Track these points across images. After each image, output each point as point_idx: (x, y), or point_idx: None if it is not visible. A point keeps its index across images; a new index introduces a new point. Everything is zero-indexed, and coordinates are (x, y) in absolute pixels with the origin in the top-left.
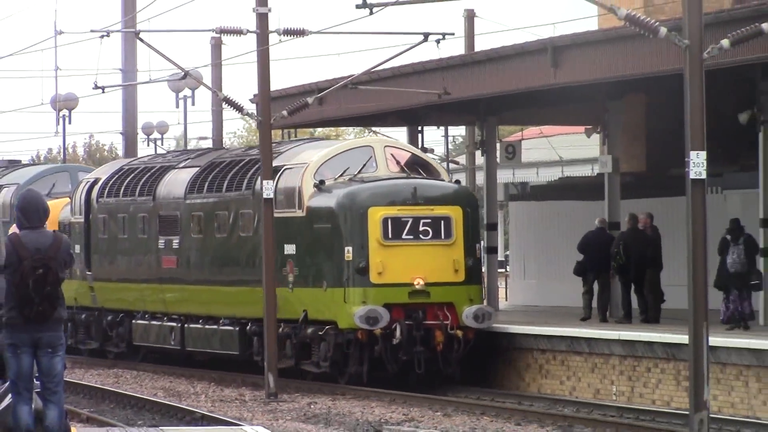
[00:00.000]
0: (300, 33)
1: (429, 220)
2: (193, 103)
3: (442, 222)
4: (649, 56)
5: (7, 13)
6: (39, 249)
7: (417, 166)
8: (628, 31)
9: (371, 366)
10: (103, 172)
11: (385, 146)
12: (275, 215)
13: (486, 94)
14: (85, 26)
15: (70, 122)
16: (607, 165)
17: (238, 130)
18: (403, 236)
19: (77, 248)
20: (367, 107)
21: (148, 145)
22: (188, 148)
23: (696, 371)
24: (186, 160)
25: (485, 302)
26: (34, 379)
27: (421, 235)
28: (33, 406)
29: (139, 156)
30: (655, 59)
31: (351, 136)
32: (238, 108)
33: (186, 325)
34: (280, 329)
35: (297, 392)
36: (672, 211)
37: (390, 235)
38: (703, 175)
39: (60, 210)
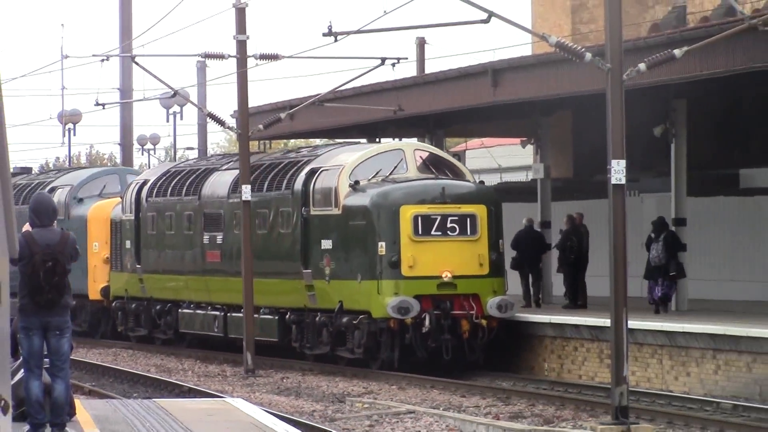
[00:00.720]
0: (274, 57)
1: (456, 218)
2: (181, 118)
3: (468, 219)
4: (575, 78)
5: (17, 39)
6: (48, 244)
7: (444, 167)
8: (558, 56)
9: (402, 353)
10: (151, 174)
11: (415, 149)
12: (313, 213)
13: (435, 111)
14: (88, 50)
15: (74, 134)
16: (540, 172)
17: (221, 141)
18: (432, 232)
19: (128, 243)
20: (332, 122)
21: (142, 154)
22: (177, 157)
23: (617, 350)
24: (228, 162)
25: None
26: (44, 358)
27: (448, 232)
28: (42, 380)
29: (184, 159)
30: (581, 81)
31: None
32: (221, 122)
33: (228, 314)
34: (317, 318)
35: (271, 368)
36: (596, 212)
37: (420, 232)
38: (623, 181)
39: (111, 209)
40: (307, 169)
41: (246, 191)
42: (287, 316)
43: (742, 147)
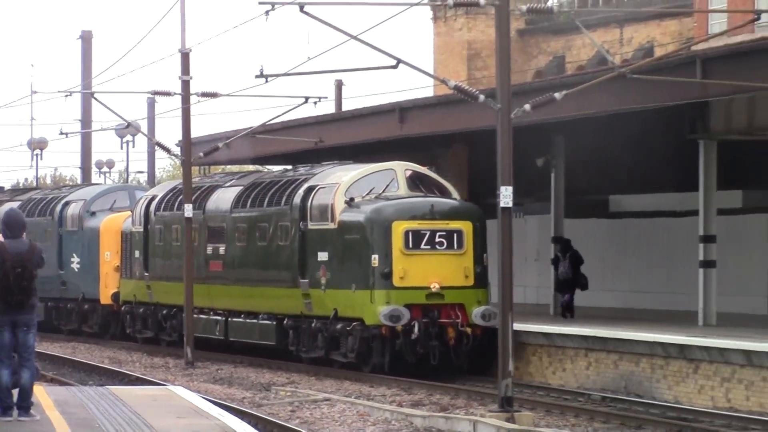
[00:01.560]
0: (213, 95)
1: (444, 233)
2: (133, 146)
3: (455, 234)
4: (470, 116)
5: None
6: (18, 253)
7: (432, 186)
8: (456, 97)
9: (392, 358)
10: (159, 190)
11: (405, 169)
12: (310, 227)
13: (350, 143)
14: (54, 86)
15: (41, 159)
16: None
17: (167, 167)
18: (422, 246)
19: (137, 253)
20: (262, 151)
21: (100, 176)
22: (129, 179)
23: (503, 348)
24: (231, 180)
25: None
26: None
27: (437, 246)
28: (11, 370)
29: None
30: (475, 118)
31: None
32: (167, 150)
33: (229, 319)
34: (313, 324)
35: (207, 361)
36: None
37: (410, 245)
38: (510, 204)
39: (122, 221)
40: (305, 186)
41: (188, 209)
42: (285, 322)
43: (612, 176)
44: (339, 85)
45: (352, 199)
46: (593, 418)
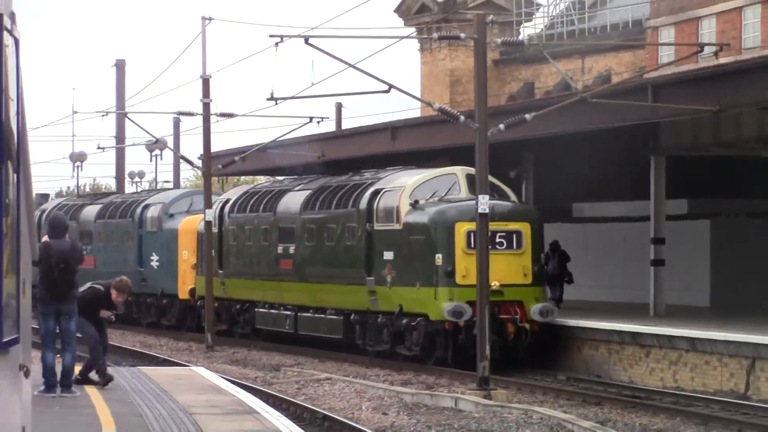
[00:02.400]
0: (230, 115)
1: (504, 233)
2: (161, 159)
3: (515, 235)
4: (452, 134)
5: (41, 98)
6: (62, 251)
7: (492, 189)
8: (440, 117)
9: (454, 351)
10: (233, 194)
11: (467, 173)
12: (376, 228)
13: (349, 157)
14: (93, 107)
15: (81, 170)
16: None
17: (190, 177)
18: None
19: (212, 252)
20: (273, 163)
21: (132, 185)
22: (159, 188)
23: (481, 335)
24: (299, 184)
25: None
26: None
27: (497, 246)
28: (54, 353)
29: (260, 182)
30: (457, 136)
31: (263, 181)
32: (190, 162)
33: (298, 314)
34: (379, 319)
35: (225, 345)
36: None
37: (472, 245)
38: (486, 210)
39: (198, 223)
40: (371, 189)
41: (209, 214)
42: (351, 317)
43: (575, 187)
44: (339, 107)
45: (416, 202)
46: (559, 396)
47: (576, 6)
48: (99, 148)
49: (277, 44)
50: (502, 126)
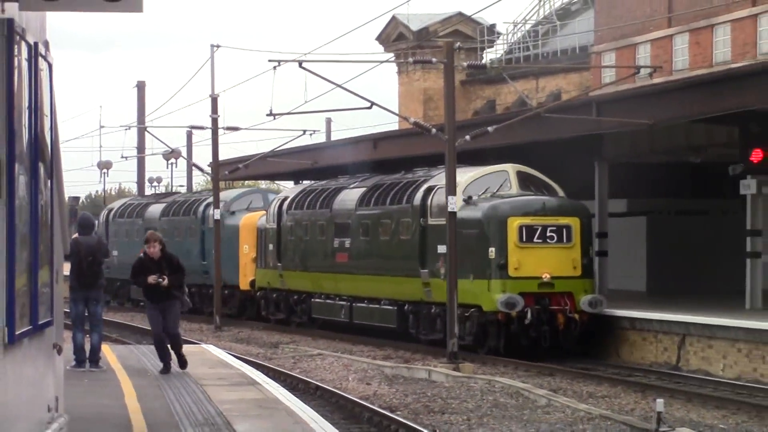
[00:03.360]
0: (235, 128)
1: (554, 228)
2: (176, 166)
3: (565, 229)
4: (425, 144)
5: (73, 114)
6: (90, 246)
7: (541, 185)
8: (415, 130)
9: (506, 341)
10: (290, 192)
11: (517, 171)
12: (430, 223)
13: (337, 164)
14: (118, 122)
15: (107, 176)
16: None
17: (201, 182)
18: (534, 240)
19: (271, 246)
20: (273, 170)
21: (151, 189)
22: (175, 191)
23: (450, 316)
24: (354, 182)
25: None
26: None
27: (548, 239)
28: (84, 333)
29: (315, 182)
30: (429, 146)
31: (263, 184)
32: (201, 169)
33: (354, 304)
34: (432, 310)
35: (231, 326)
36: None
37: (524, 239)
38: (455, 209)
39: (258, 219)
40: (424, 186)
41: (217, 213)
42: (405, 308)
43: None
44: (328, 121)
45: (469, 198)
46: (517, 368)
47: (531, 34)
48: (122, 157)
49: (275, 67)
50: (468, 137)
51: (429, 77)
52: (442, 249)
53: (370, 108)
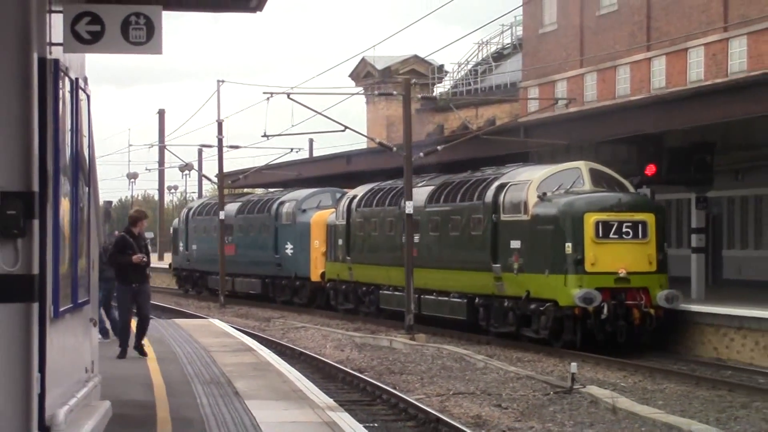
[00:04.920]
0: (236, 147)
1: (630, 224)
2: (189, 176)
3: (640, 225)
4: (388, 160)
5: (104, 136)
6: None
7: (613, 182)
8: (380, 149)
9: (583, 335)
10: (359, 191)
11: (589, 168)
12: (503, 219)
13: (317, 175)
14: (143, 141)
15: (135, 185)
16: None
17: (209, 189)
18: (610, 235)
19: (340, 241)
20: (267, 179)
21: (169, 194)
22: (186, 198)
23: (408, 299)
24: (421, 181)
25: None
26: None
27: (623, 235)
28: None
29: (382, 181)
30: (391, 161)
31: (259, 191)
32: (209, 179)
33: (422, 296)
34: (505, 304)
35: (232, 304)
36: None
37: (600, 235)
38: (411, 212)
39: (327, 216)
40: (496, 184)
41: (222, 214)
42: (476, 301)
43: None
44: (311, 141)
45: (544, 194)
46: (461, 338)
47: (472, 72)
48: (147, 169)
49: (268, 98)
50: (421, 154)
51: (391, 106)
52: (515, 244)
53: (344, 131)
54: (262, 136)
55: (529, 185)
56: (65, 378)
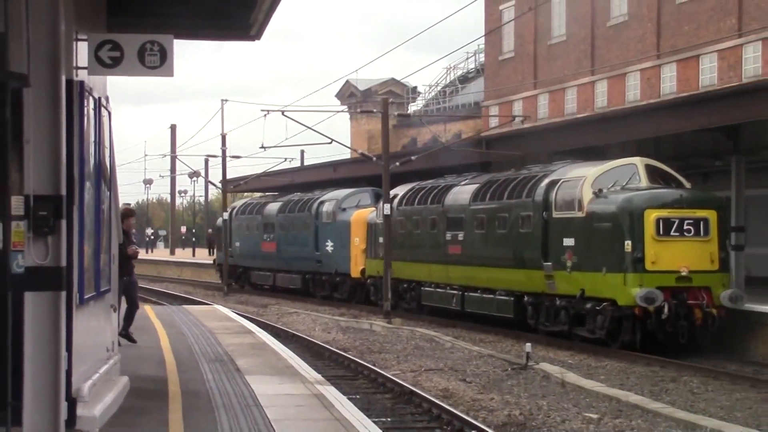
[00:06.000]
0: (238, 157)
1: (692, 221)
2: (197, 182)
3: (702, 222)
4: (370, 168)
5: (123, 147)
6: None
7: (669, 179)
8: (361, 159)
9: (643, 336)
10: (399, 190)
11: (646, 164)
12: (554, 216)
13: (307, 181)
14: (157, 151)
15: (150, 189)
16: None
17: (214, 193)
18: (671, 233)
19: (380, 239)
20: (264, 185)
21: (180, 199)
22: (194, 201)
23: (384, 287)
24: (463, 180)
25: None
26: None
27: (685, 233)
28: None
29: (421, 181)
30: (373, 171)
31: (257, 195)
32: (214, 185)
33: (466, 293)
34: (557, 302)
35: (235, 293)
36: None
37: (661, 232)
38: (389, 213)
39: (367, 215)
40: (546, 181)
41: (225, 215)
42: (524, 299)
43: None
44: (302, 152)
45: (600, 190)
46: (432, 323)
47: (441, 93)
48: (160, 176)
49: (265, 115)
50: (397, 163)
51: (371, 122)
52: (568, 242)
53: (330, 143)
54: (260, 148)
55: (583, 182)
56: (89, 356)
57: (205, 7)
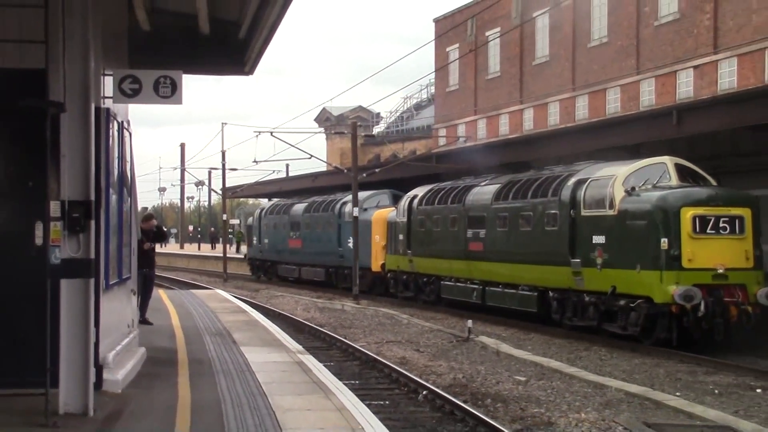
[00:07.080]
0: (234, 169)
1: (727, 218)
2: (202, 190)
3: (737, 220)
4: (341, 178)
5: (142, 162)
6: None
7: (698, 177)
8: (336, 171)
9: (679, 333)
10: (419, 191)
11: (675, 163)
12: (583, 214)
13: (292, 189)
14: (170, 164)
15: (163, 196)
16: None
17: (216, 199)
18: (707, 231)
19: (400, 236)
20: (258, 192)
21: (188, 204)
22: (199, 205)
23: (354, 274)
24: (484, 181)
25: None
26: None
27: (720, 230)
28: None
29: (440, 183)
30: (344, 179)
31: (251, 201)
32: (216, 192)
33: (486, 288)
34: (587, 298)
35: (234, 279)
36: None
37: (698, 230)
38: (357, 215)
39: (387, 214)
40: (572, 180)
41: (225, 216)
42: (550, 294)
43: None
44: (287, 165)
45: (633, 189)
46: (393, 303)
47: (400, 118)
48: (172, 185)
49: (257, 135)
50: (365, 174)
51: (343, 141)
52: (598, 239)
53: (310, 158)
54: (253, 162)
55: (614, 180)
56: (113, 331)
57: (207, 49)
